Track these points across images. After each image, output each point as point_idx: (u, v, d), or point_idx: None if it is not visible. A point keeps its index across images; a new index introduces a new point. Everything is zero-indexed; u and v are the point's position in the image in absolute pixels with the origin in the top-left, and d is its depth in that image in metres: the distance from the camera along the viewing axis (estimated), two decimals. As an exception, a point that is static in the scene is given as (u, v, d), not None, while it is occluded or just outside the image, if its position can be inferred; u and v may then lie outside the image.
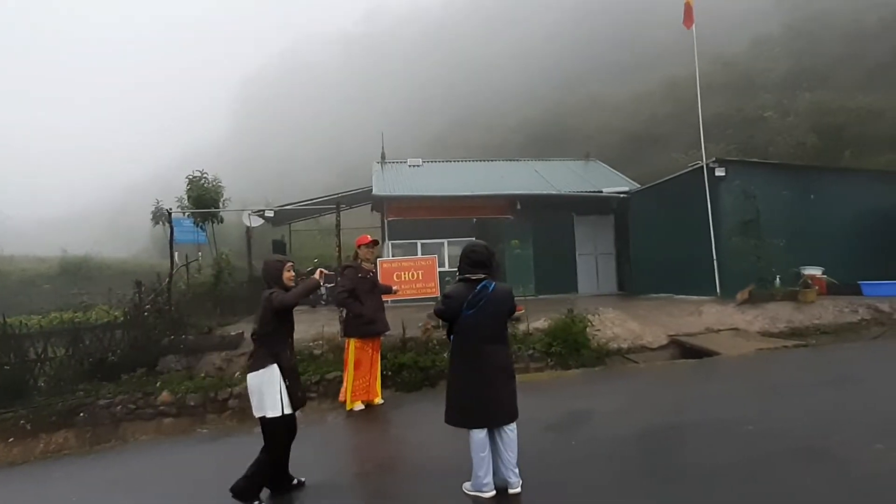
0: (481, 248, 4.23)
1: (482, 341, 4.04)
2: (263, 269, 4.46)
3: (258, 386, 4.14)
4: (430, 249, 15.59)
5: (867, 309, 10.52)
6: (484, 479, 3.99)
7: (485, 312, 4.02)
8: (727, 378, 7.46)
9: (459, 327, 4.08)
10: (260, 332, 4.21)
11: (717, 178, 12.58)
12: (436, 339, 9.12)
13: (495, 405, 4.02)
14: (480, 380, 4.01)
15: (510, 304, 4.21)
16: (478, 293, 4.01)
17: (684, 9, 13.61)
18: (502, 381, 4.07)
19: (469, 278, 4.11)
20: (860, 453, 4.28)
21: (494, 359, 4.06)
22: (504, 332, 4.19)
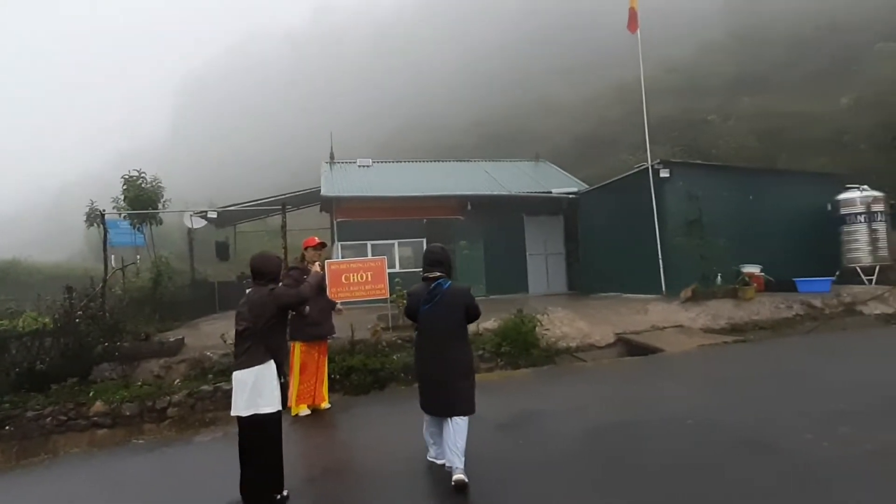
0: (438, 249, 4.67)
1: (438, 335, 4.40)
2: (260, 264, 4.36)
3: (253, 382, 4.06)
4: (381, 250, 15.55)
5: (801, 305, 11.14)
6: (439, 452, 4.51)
7: (440, 308, 4.38)
8: (671, 374, 7.75)
9: (419, 322, 4.49)
10: (257, 328, 4.13)
11: (662, 179, 13.06)
12: (385, 340, 9.13)
13: (446, 396, 4.35)
14: (435, 371, 4.39)
15: (465, 300, 4.48)
16: (433, 290, 4.41)
17: (629, 14, 14.07)
18: (456, 375, 4.36)
19: (427, 277, 4.50)
20: (794, 443, 4.54)
21: (449, 353, 4.38)
22: (461, 328, 4.48)
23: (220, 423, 6.90)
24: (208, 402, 7.53)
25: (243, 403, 4.06)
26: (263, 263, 4.37)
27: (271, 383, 4.12)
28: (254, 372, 4.08)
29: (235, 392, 4.10)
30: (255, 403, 4.05)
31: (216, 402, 7.49)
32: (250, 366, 4.08)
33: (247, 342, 4.13)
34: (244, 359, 4.11)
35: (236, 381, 4.11)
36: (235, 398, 4.10)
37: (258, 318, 4.14)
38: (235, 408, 4.10)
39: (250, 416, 4.04)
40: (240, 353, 4.15)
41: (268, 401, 4.08)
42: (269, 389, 4.10)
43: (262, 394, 4.07)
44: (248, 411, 4.05)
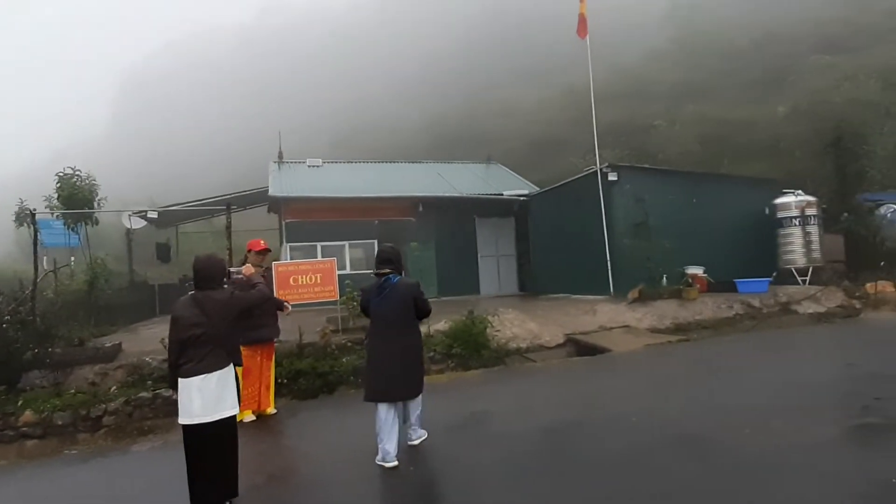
0: (388, 248, 5.16)
1: (389, 326, 4.85)
2: (203, 267, 4.23)
3: (216, 386, 4.00)
4: (331, 252, 15.36)
5: (741, 304, 11.64)
6: (387, 449, 4.64)
7: (389, 300, 4.84)
8: (618, 373, 7.97)
9: (371, 314, 4.95)
10: (218, 332, 4.07)
11: (610, 182, 13.40)
12: (335, 343, 9.02)
13: (398, 382, 4.77)
14: (387, 359, 4.78)
15: (413, 293, 4.93)
16: (382, 284, 4.90)
17: (579, 20, 14.39)
18: (408, 361, 4.86)
19: (378, 273, 4.98)
20: (732, 438, 4.73)
21: (401, 341, 4.84)
22: (410, 318, 4.93)
23: (160, 432, 6.66)
24: (147, 409, 7.26)
25: (205, 408, 3.96)
26: (205, 266, 4.24)
27: (233, 386, 4.12)
28: (217, 376, 4.02)
29: (191, 398, 3.97)
30: (219, 407, 4.00)
31: (156, 409, 7.23)
32: (213, 370, 4.01)
33: (206, 346, 4.03)
34: (206, 363, 4.01)
35: (194, 387, 3.98)
36: (191, 404, 3.96)
37: (221, 321, 4.08)
38: (190, 414, 3.96)
39: (214, 421, 3.97)
40: (196, 358, 4.01)
41: (231, 404, 4.08)
42: (231, 392, 4.09)
43: (225, 397, 4.04)
44: (212, 416, 3.97)
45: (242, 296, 4.39)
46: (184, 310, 4.12)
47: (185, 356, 4.04)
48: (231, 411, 4.07)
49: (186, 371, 4.00)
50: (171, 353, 4.17)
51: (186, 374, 4.00)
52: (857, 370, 6.77)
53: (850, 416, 5.08)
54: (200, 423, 3.95)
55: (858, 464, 4.10)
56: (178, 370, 4.04)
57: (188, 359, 4.02)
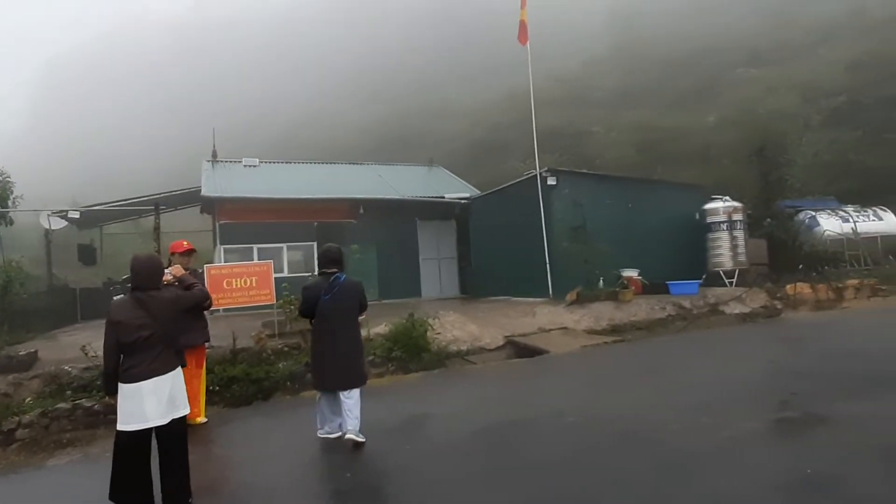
0: (335, 248, 5.56)
1: (337, 321, 5.29)
2: (145, 267, 4.10)
3: (170, 387, 3.97)
4: (268, 254, 15.01)
5: (673, 306, 12.15)
6: (329, 429, 5.38)
7: (338, 298, 5.28)
8: (555, 374, 8.17)
9: (319, 310, 5.29)
10: (166, 333, 4.03)
11: (550, 186, 13.74)
12: (271, 348, 8.83)
13: (346, 372, 5.24)
14: (334, 352, 5.25)
15: (359, 291, 5.48)
16: (332, 283, 5.30)
17: (519, 26, 14.68)
18: (354, 353, 5.37)
19: (325, 272, 5.37)
20: (663, 434, 4.94)
21: (348, 334, 5.35)
22: (355, 314, 5.46)
23: (80, 444, 6.33)
24: (65, 421, 6.86)
25: (160, 411, 3.89)
26: (153, 266, 4.18)
27: (183, 386, 4.13)
28: (171, 377, 3.99)
29: (143, 402, 3.85)
30: (173, 408, 3.96)
31: (75, 421, 6.85)
32: (166, 371, 3.96)
33: (156, 348, 3.95)
34: (158, 365, 3.94)
35: (146, 391, 3.87)
36: (143, 408, 3.84)
37: (169, 321, 4.05)
38: (143, 419, 3.84)
39: (168, 424, 3.92)
40: (147, 361, 3.91)
41: (183, 403, 4.08)
42: (183, 392, 4.10)
43: (178, 397, 4.03)
44: (167, 418, 3.92)
45: (188, 294, 4.39)
46: (126, 312, 3.98)
47: (132, 360, 3.92)
48: (184, 411, 4.09)
49: (136, 375, 3.87)
50: (108, 359, 4.00)
51: (135, 378, 3.87)
52: (777, 367, 7.20)
53: (770, 410, 5.40)
54: (158, 424, 3.89)
55: (777, 456, 4.35)
56: (124, 375, 3.90)
57: (136, 362, 3.90)
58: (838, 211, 17.28)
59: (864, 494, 3.55)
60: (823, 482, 3.74)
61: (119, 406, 3.92)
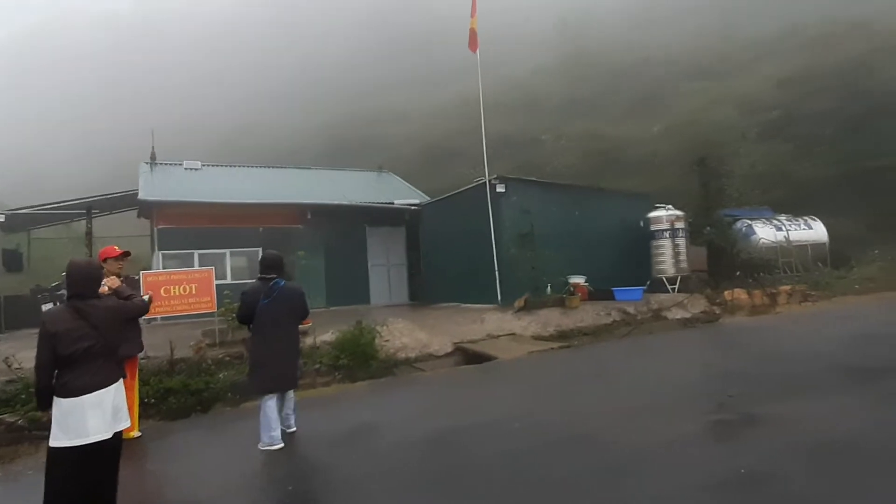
0: (274, 255, 5.74)
1: (276, 325, 5.48)
2: (84, 274, 3.91)
3: (114, 399, 3.79)
4: (211, 260, 14.63)
5: (618, 311, 12.48)
6: (276, 435, 5.37)
7: (277, 302, 5.48)
8: (503, 380, 8.26)
9: (258, 314, 5.45)
10: (109, 343, 3.86)
11: (498, 193, 13.93)
12: (211, 358, 8.59)
13: (284, 375, 5.53)
14: (275, 355, 5.47)
15: (298, 295, 5.69)
16: (271, 287, 5.48)
17: (469, 34, 14.86)
18: (291, 357, 5.64)
19: (264, 277, 5.55)
20: (605, 437, 5.06)
21: (286, 339, 5.58)
22: (295, 318, 5.68)
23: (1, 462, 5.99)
24: (-17, 439, 6.49)
25: (103, 425, 3.70)
26: (92, 273, 4.01)
27: (125, 398, 3.98)
28: (114, 389, 3.83)
29: (84, 416, 3.66)
30: (116, 421, 3.80)
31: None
32: (109, 383, 3.80)
33: (98, 360, 3.77)
34: (101, 377, 3.77)
35: (88, 405, 3.68)
36: (84, 423, 3.65)
37: (111, 331, 3.89)
38: (84, 434, 3.65)
39: (112, 437, 3.75)
40: (89, 373, 3.73)
41: (125, 416, 3.93)
42: (124, 404, 3.94)
43: (121, 409, 3.88)
44: (110, 432, 3.74)
45: (130, 304, 4.36)
46: (64, 323, 3.76)
47: (71, 373, 3.72)
48: (125, 423, 3.95)
49: (76, 388, 3.67)
50: (41, 373, 3.75)
51: (76, 391, 3.68)
52: (714, 370, 7.50)
53: (707, 412, 5.60)
54: (98, 440, 3.68)
55: (714, 456, 4.54)
56: (62, 389, 3.70)
57: (76, 375, 3.71)
58: (772, 220, 18.17)
59: (794, 491, 3.74)
60: (756, 480, 3.92)
61: (55, 421, 3.71)
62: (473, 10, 14.87)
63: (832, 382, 6.28)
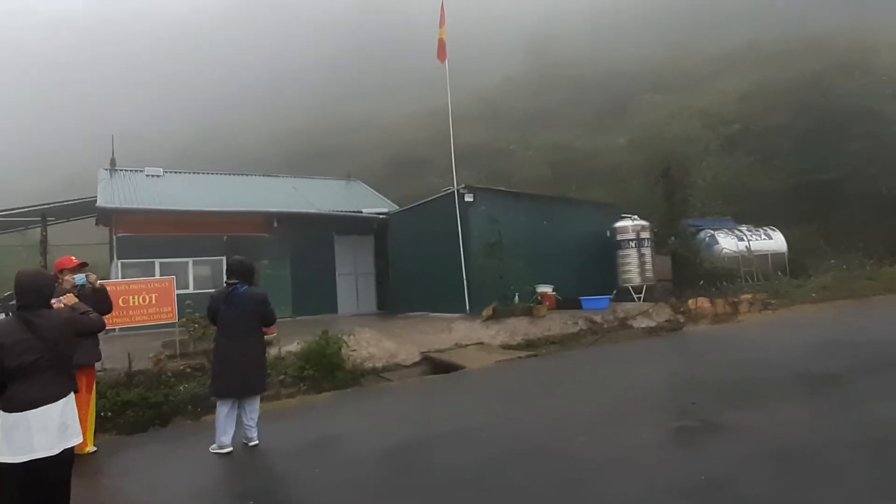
0: (237, 261, 5.87)
1: (235, 331, 5.59)
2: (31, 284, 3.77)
3: (62, 413, 3.64)
4: (173, 269, 14.30)
5: (585, 321, 12.61)
6: (225, 440, 5.45)
7: (237, 307, 5.59)
8: (470, 389, 8.25)
9: (219, 319, 5.65)
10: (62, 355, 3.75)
11: (467, 203, 13.98)
12: (171, 370, 8.37)
13: (243, 381, 5.53)
14: (231, 360, 5.52)
15: (258, 300, 5.71)
16: (230, 293, 5.62)
17: (438, 44, 14.95)
18: (250, 364, 5.61)
19: (227, 283, 5.72)
20: (571, 446, 5.09)
21: (246, 345, 5.60)
22: (255, 324, 5.72)
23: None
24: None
25: (50, 441, 3.55)
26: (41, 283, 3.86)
27: (76, 413, 3.83)
28: (62, 403, 3.67)
29: (30, 432, 3.52)
30: (66, 437, 3.65)
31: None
32: (58, 398, 3.65)
33: (45, 373, 3.63)
34: (49, 392, 3.62)
35: (35, 419, 3.54)
36: (30, 438, 3.50)
37: (61, 343, 3.74)
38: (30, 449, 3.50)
39: (60, 453, 3.59)
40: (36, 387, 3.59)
41: (76, 431, 3.76)
42: (75, 420, 3.78)
43: (71, 425, 3.72)
44: (57, 448, 3.58)
45: (84, 318, 4.18)
46: (11, 335, 3.63)
47: (17, 386, 3.57)
48: (77, 440, 3.78)
49: (22, 402, 3.53)
50: None
51: (21, 406, 3.54)
52: (678, 378, 7.62)
53: (670, 419, 5.69)
54: (44, 457, 3.53)
55: (676, 462, 4.60)
56: (8, 402, 3.55)
57: (22, 389, 3.56)
58: (734, 230, 18.66)
59: (753, 496, 3.81)
60: (717, 486, 3.99)
61: (1, 435, 3.54)
62: (442, 21, 14.97)
63: (790, 389, 6.45)
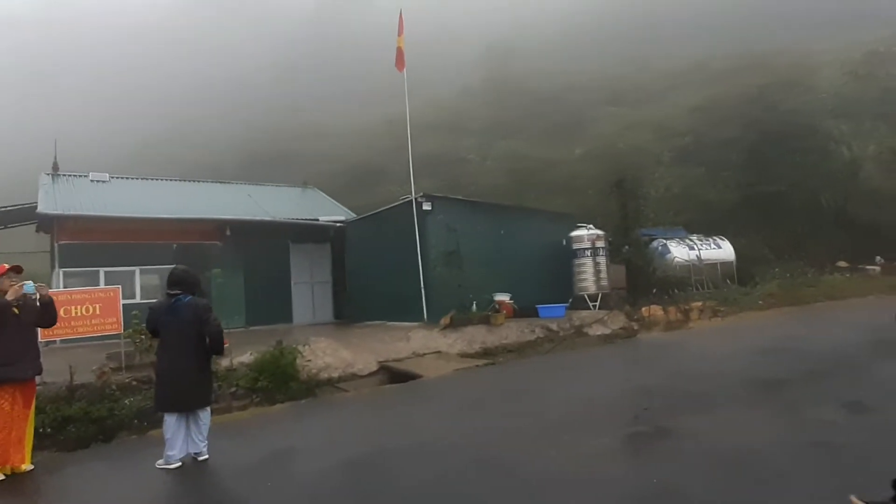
0: (180, 270, 5.83)
1: (177, 342, 5.51)
2: None
3: None
4: (118, 278, 13.81)
5: (541, 328, 12.75)
6: (172, 454, 5.34)
7: (180, 318, 5.50)
8: (427, 399, 8.21)
9: (162, 331, 5.59)
10: None
11: (425, 211, 14.00)
12: (116, 383, 8.06)
13: (186, 395, 5.45)
14: (173, 373, 5.45)
15: (200, 311, 5.56)
16: (174, 303, 5.56)
17: (397, 53, 14.98)
18: (194, 374, 5.52)
19: (169, 293, 5.62)
20: (527, 454, 5.11)
21: (188, 356, 5.50)
22: (197, 335, 5.54)
23: None
24: None
25: None
26: None
27: None
28: None
29: None
30: None
31: None
32: None
33: None
34: None
35: None
36: None
37: None
38: None
39: None
40: None
41: None
42: None
43: None
44: None
45: None
46: None
47: None
48: None
49: None
50: None
51: None
52: (631, 384, 7.77)
53: (623, 426, 5.80)
54: None
55: (628, 469, 4.69)
56: None
57: None
58: (686, 240, 19.23)
59: (702, 501, 3.92)
60: (667, 491, 4.08)
61: None
62: (400, 30, 15.01)
63: (738, 394, 6.67)
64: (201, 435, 5.54)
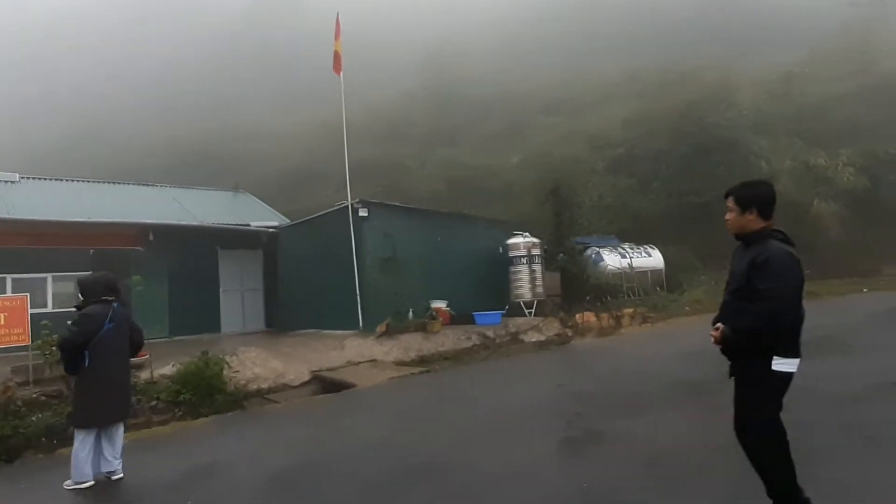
0: (112, 276, 5.70)
1: (117, 353, 5.37)
2: None
3: None
4: (28, 286, 12.97)
5: (478, 336, 12.85)
6: (86, 472, 5.11)
7: (119, 327, 5.38)
8: (360, 409, 8.11)
9: (99, 340, 5.19)
10: None
11: (361, 217, 13.86)
12: (21, 399, 7.54)
13: (121, 405, 5.42)
14: (112, 386, 5.29)
15: (131, 319, 5.61)
16: (115, 311, 5.36)
17: (334, 56, 14.82)
18: (126, 388, 5.60)
19: (106, 300, 5.37)
20: (462, 461, 5.14)
21: (125, 367, 5.55)
22: (128, 348, 5.53)
23: None
24: None
25: None
26: None
27: None
28: None
29: None
30: None
31: None
32: None
33: None
34: None
35: None
36: None
37: None
38: None
39: None
40: None
41: None
42: None
43: None
44: None
45: None
46: None
47: None
48: None
49: None
50: None
51: None
52: (564, 389, 7.95)
53: (557, 430, 5.91)
54: None
55: (559, 473, 4.78)
56: None
57: None
58: (618, 248, 19.85)
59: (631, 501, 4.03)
60: (597, 493, 4.18)
61: None
62: (337, 33, 14.87)
63: (666, 397, 6.93)
64: (117, 451, 5.33)
